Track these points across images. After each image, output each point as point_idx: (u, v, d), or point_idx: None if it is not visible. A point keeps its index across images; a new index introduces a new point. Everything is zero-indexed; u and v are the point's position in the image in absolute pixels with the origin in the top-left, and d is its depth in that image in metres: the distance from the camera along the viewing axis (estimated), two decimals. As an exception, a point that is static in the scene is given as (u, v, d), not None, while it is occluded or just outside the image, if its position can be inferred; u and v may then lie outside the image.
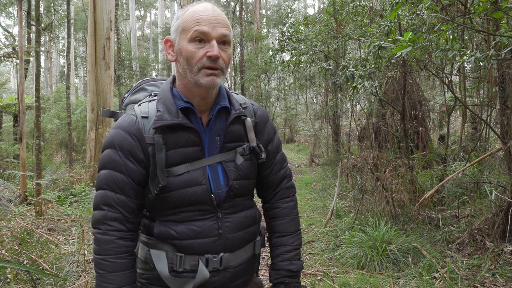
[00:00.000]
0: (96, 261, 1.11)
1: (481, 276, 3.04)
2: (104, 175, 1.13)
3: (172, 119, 1.12)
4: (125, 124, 1.14)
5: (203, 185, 1.15)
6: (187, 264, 1.15)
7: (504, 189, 3.65)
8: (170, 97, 1.17)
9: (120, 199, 1.12)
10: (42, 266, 3.16)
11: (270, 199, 1.37)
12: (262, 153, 1.24)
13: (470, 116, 6.12)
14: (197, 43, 1.10)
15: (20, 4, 6.01)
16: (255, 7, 20.43)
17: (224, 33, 1.11)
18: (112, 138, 1.14)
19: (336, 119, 9.94)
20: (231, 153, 1.20)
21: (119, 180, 1.12)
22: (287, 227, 1.33)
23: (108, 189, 1.12)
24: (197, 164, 1.15)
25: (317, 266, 3.67)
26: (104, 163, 1.14)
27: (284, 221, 1.34)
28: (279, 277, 1.29)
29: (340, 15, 7.02)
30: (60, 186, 6.56)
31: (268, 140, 1.32)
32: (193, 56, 1.10)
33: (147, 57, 24.37)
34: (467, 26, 3.48)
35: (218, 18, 1.11)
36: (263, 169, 1.31)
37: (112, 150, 1.13)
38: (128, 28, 27.62)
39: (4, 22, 31.50)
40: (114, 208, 1.11)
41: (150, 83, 1.35)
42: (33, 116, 9.40)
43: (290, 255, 1.30)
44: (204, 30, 1.08)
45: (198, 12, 1.10)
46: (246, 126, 1.24)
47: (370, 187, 4.83)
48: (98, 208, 1.13)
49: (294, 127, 19.16)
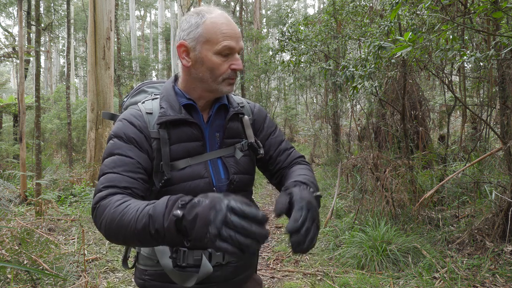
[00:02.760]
0: (109, 227, 0.95)
1: (481, 276, 3.04)
2: (111, 160, 1.09)
3: (175, 115, 1.16)
4: (131, 117, 1.17)
5: (205, 178, 1.18)
6: (191, 259, 1.17)
7: (504, 189, 3.65)
8: (173, 94, 1.21)
9: (130, 181, 1.05)
10: (42, 266, 3.16)
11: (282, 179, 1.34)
12: (260, 149, 1.28)
13: (470, 116, 6.12)
14: (223, 56, 1.14)
15: (20, 4, 6.01)
16: (255, 7, 20.43)
17: (242, 46, 1.17)
18: (118, 129, 1.15)
19: (336, 119, 9.94)
20: (230, 149, 1.25)
21: (127, 162, 1.08)
22: (303, 170, 1.26)
23: (114, 172, 1.06)
24: (199, 159, 1.19)
25: (317, 266, 3.67)
26: (111, 150, 1.11)
27: (300, 166, 1.29)
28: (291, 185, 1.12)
29: (340, 15, 7.03)
30: (60, 186, 6.56)
31: (269, 133, 1.36)
32: (219, 68, 1.14)
33: (147, 57, 24.36)
34: (467, 26, 3.48)
35: (237, 31, 1.16)
36: (271, 160, 1.34)
37: (119, 138, 1.13)
38: (128, 28, 27.63)
39: (4, 22, 31.52)
40: (120, 188, 1.03)
41: (150, 85, 1.37)
42: (33, 116, 9.40)
43: (306, 177, 1.19)
44: (232, 46, 1.13)
45: (222, 25, 1.13)
46: (244, 124, 1.29)
47: (370, 187, 4.83)
48: (100, 190, 1.03)
49: (294, 127, 19.16)
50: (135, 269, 1.30)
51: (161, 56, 24.71)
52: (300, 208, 0.95)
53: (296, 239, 0.92)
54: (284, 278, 3.50)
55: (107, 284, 3.24)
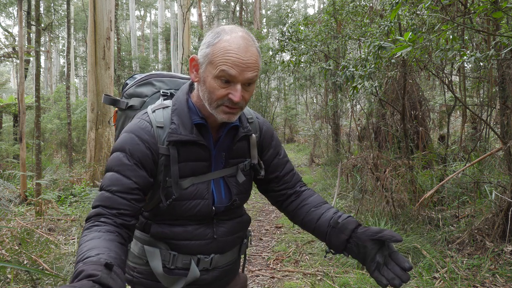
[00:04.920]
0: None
1: (481, 276, 3.04)
2: (110, 176, 1.09)
3: (186, 135, 1.13)
4: (140, 131, 1.12)
5: (206, 199, 1.18)
6: (179, 263, 1.20)
7: (504, 189, 3.65)
8: (186, 110, 1.16)
9: (121, 202, 1.07)
10: (42, 266, 3.16)
11: (287, 199, 1.36)
12: (261, 170, 1.28)
13: (470, 116, 6.12)
14: (222, 82, 1.07)
15: (20, 4, 6.01)
16: (255, 7, 20.43)
17: (250, 77, 1.07)
18: (124, 142, 1.11)
19: (336, 119, 9.94)
20: (233, 169, 1.24)
21: (123, 183, 1.08)
22: (318, 199, 1.31)
23: (110, 191, 1.07)
24: (203, 178, 1.18)
25: (317, 266, 3.67)
26: (112, 166, 1.10)
27: (313, 197, 1.32)
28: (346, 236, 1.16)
29: (340, 15, 7.02)
30: (60, 186, 6.56)
31: (276, 152, 1.35)
32: (214, 92, 1.08)
33: (147, 57, 24.36)
34: (467, 26, 3.48)
35: (248, 61, 1.06)
36: (276, 180, 1.34)
37: (123, 153, 1.10)
38: (128, 28, 27.62)
39: (4, 22, 31.51)
40: (112, 208, 1.05)
41: (158, 79, 1.33)
42: (33, 116, 9.40)
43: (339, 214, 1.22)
44: (231, 74, 1.05)
45: (229, 51, 1.05)
46: (251, 143, 1.27)
47: (370, 187, 4.82)
48: (94, 207, 1.07)
49: (294, 127, 19.16)
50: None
51: (161, 56, 24.72)
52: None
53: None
54: (284, 278, 3.50)
55: (107, 284, 3.23)
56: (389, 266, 1.05)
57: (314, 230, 1.25)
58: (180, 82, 1.34)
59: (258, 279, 3.50)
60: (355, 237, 1.12)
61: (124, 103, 1.31)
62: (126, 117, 1.32)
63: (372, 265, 1.08)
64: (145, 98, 1.30)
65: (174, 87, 1.33)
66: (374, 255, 1.08)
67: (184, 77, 1.37)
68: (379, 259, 1.07)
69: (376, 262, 1.07)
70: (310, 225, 1.26)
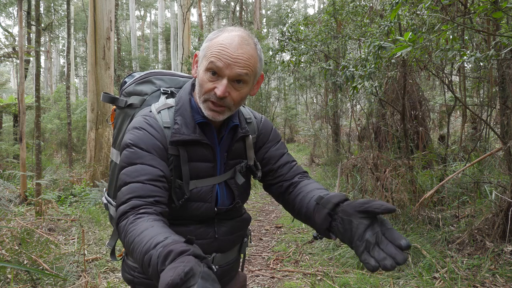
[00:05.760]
0: (127, 242, 0.93)
1: (481, 276, 3.04)
2: (133, 169, 1.05)
3: (189, 135, 1.11)
4: (150, 128, 1.11)
5: (208, 203, 1.18)
6: None
7: (504, 189, 3.65)
8: (188, 109, 1.15)
9: (155, 189, 1.03)
10: (42, 266, 3.16)
11: (285, 191, 1.27)
12: (258, 172, 1.27)
13: (470, 116, 6.12)
14: (211, 75, 1.07)
15: (20, 4, 6.01)
16: (255, 7, 20.42)
17: (239, 73, 1.06)
18: (137, 138, 1.09)
19: (336, 119, 9.95)
20: (232, 171, 1.24)
21: (150, 171, 1.04)
22: (315, 185, 1.19)
23: (137, 181, 1.02)
24: (208, 182, 1.18)
25: (317, 266, 3.67)
26: (132, 159, 1.06)
27: (310, 182, 1.22)
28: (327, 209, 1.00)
29: (340, 15, 7.02)
30: (60, 186, 6.55)
31: (271, 146, 1.32)
32: (203, 85, 1.09)
33: (147, 57, 24.38)
34: (467, 26, 3.48)
35: (239, 57, 1.05)
36: (271, 173, 1.29)
37: (139, 148, 1.07)
38: (128, 28, 27.63)
39: (4, 22, 31.49)
40: (148, 197, 1.01)
41: (158, 77, 1.31)
42: (33, 116, 9.40)
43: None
44: (218, 66, 1.05)
45: (222, 45, 1.06)
46: (247, 144, 1.26)
47: (370, 187, 4.82)
48: (126, 200, 1.01)
49: (294, 127, 19.17)
50: (123, 263, 1.30)
51: (161, 56, 24.72)
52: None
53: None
54: (284, 278, 3.50)
55: (107, 284, 3.23)
56: (382, 246, 0.84)
57: (306, 217, 1.12)
58: (180, 80, 1.33)
59: (258, 279, 3.50)
60: (340, 212, 0.95)
61: (123, 101, 1.28)
62: (125, 116, 1.29)
63: (360, 245, 0.87)
64: (145, 96, 1.28)
65: (174, 85, 1.31)
66: (362, 233, 0.87)
67: (184, 75, 1.35)
68: (369, 238, 0.86)
69: (365, 241, 0.86)
70: (301, 212, 1.14)
